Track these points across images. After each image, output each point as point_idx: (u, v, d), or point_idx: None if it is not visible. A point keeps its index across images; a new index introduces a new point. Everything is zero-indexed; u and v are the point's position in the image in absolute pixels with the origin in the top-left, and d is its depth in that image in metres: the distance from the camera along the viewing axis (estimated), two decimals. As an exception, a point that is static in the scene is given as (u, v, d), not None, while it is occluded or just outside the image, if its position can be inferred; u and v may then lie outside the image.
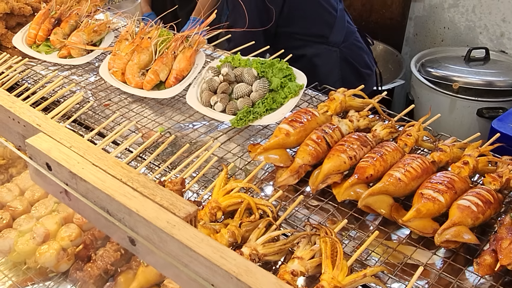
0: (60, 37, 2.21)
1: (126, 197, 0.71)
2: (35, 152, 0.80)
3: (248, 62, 1.95)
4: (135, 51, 2.01)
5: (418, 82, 3.70)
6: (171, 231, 0.66)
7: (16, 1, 2.36)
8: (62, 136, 0.81)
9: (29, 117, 0.84)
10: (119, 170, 0.76)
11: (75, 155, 0.78)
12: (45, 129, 0.82)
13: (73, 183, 0.76)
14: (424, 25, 4.20)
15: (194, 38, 2.03)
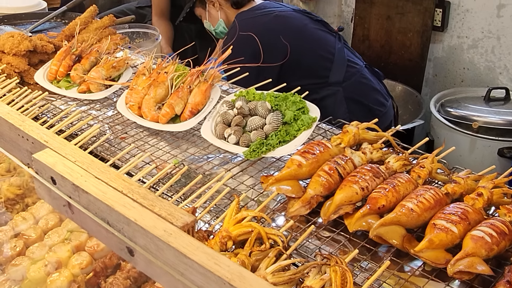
0: (80, 72, 2.26)
1: (126, 208, 0.72)
2: (41, 166, 0.81)
3: (262, 96, 1.98)
4: (152, 86, 2.05)
5: (438, 122, 3.70)
6: (168, 239, 0.66)
7: (40, 39, 2.44)
8: (68, 151, 0.83)
9: (37, 134, 0.87)
10: (120, 182, 0.77)
11: (79, 169, 0.79)
12: (52, 145, 0.84)
13: (76, 195, 0.77)
14: (444, 66, 4.22)
15: (210, 72, 2.07)
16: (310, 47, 2.82)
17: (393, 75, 4.29)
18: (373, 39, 4.41)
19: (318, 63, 2.82)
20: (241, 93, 2.02)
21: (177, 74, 2.09)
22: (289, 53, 2.72)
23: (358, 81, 2.91)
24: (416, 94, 4.21)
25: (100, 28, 2.63)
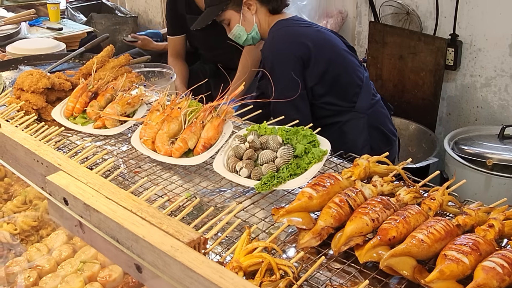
0: (96, 109, 2.31)
1: (135, 225, 0.74)
2: (54, 188, 0.84)
3: (274, 130, 2.01)
4: (165, 121, 2.09)
5: (452, 160, 3.69)
6: (174, 254, 0.68)
7: (57, 77, 2.50)
8: (80, 173, 0.86)
9: (51, 158, 0.90)
10: (130, 202, 0.79)
11: (90, 190, 0.82)
12: (65, 168, 0.87)
13: (87, 215, 0.80)
14: (457, 104, 4.24)
15: (222, 108, 2.11)
16: (347, 68, 2.86)
17: (406, 114, 4.31)
18: (386, 79, 4.45)
19: (351, 86, 2.85)
20: (252, 127, 2.05)
21: (190, 109, 2.13)
22: (330, 67, 2.79)
23: (379, 111, 2.98)
24: (430, 133, 4.22)
25: (116, 66, 2.70)
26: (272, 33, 2.86)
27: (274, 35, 2.84)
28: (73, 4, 6.15)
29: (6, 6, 5.38)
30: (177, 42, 4.16)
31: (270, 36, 2.87)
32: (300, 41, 2.76)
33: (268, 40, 2.87)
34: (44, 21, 5.01)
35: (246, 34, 2.94)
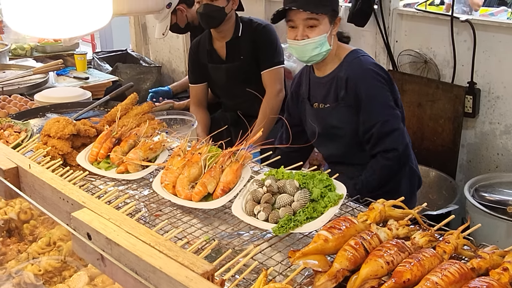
0: (119, 154, 2.39)
1: (153, 258, 0.79)
2: (78, 223, 0.90)
3: (291, 174, 2.06)
4: (186, 166, 2.16)
5: (473, 207, 3.69)
6: (189, 284, 0.73)
7: (83, 124, 2.59)
8: (103, 210, 0.91)
9: (76, 196, 0.95)
10: (149, 236, 0.84)
11: (112, 225, 0.87)
12: (89, 205, 0.93)
13: (109, 248, 0.85)
14: (477, 152, 4.25)
15: (241, 153, 2.17)
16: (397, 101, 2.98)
17: (426, 161, 4.33)
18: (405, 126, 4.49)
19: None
20: (270, 172, 2.11)
21: (210, 154, 2.20)
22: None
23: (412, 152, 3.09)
24: (450, 180, 4.22)
25: (139, 114, 2.79)
26: (356, 59, 2.86)
27: (360, 61, 2.85)
28: (99, 55, 6.35)
29: (35, 56, 5.58)
30: (199, 91, 4.26)
31: (356, 62, 2.85)
32: (382, 67, 2.92)
33: (356, 64, 2.85)
34: (71, 71, 5.17)
35: (325, 47, 2.80)
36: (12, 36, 5.78)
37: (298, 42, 2.77)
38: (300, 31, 2.76)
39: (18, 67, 4.79)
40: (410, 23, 4.42)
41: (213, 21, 3.91)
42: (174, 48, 6.55)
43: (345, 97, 2.83)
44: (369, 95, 2.79)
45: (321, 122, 2.94)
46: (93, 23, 1.23)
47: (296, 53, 2.85)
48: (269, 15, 5.31)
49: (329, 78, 2.90)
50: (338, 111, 2.87)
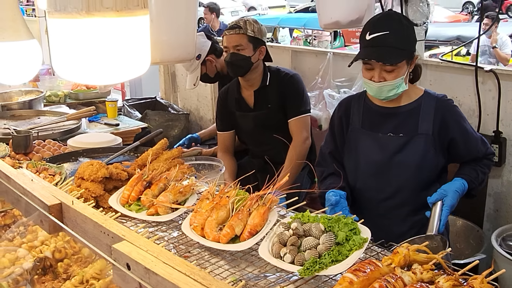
0: (150, 197, 2.47)
1: (188, 286, 0.85)
2: (119, 255, 0.96)
3: (316, 218, 2.11)
4: (214, 208, 2.22)
5: (500, 256, 3.65)
6: (221, 309, 0.78)
7: (115, 167, 2.69)
8: (142, 243, 0.98)
9: (116, 230, 1.02)
10: (184, 266, 0.90)
11: (150, 256, 0.94)
12: (129, 238, 1.00)
13: (147, 277, 0.91)
14: (504, 201, 4.23)
15: (268, 197, 2.23)
16: None
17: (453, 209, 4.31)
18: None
19: None
20: (296, 215, 2.16)
21: (238, 198, 2.26)
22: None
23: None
24: (478, 229, 4.19)
25: (169, 158, 2.87)
26: (436, 96, 2.96)
27: (446, 102, 2.97)
28: (129, 102, 6.53)
29: (68, 103, 5.75)
30: (227, 138, 4.35)
31: (444, 102, 2.95)
32: None
33: (447, 105, 2.96)
34: (102, 117, 5.32)
35: (401, 88, 2.83)
36: (47, 83, 5.99)
37: (374, 83, 2.79)
38: (377, 73, 2.77)
39: (52, 113, 4.95)
40: (435, 73, 4.49)
41: (239, 69, 4.02)
42: (202, 96, 6.70)
43: (427, 129, 2.89)
44: (464, 129, 2.94)
45: (386, 151, 2.94)
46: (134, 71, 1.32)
47: (372, 92, 2.87)
48: (295, 64, 5.47)
49: (404, 109, 2.94)
50: (415, 141, 2.90)
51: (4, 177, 1.56)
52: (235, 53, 3.96)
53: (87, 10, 1.18)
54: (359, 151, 3.02)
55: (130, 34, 1.27)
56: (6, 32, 2.19)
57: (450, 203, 2.74)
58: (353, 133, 3.04)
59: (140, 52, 1.31)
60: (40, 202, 1.31)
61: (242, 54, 3.95)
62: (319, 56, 5.32)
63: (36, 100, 5.26)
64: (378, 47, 2.76)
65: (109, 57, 1.26)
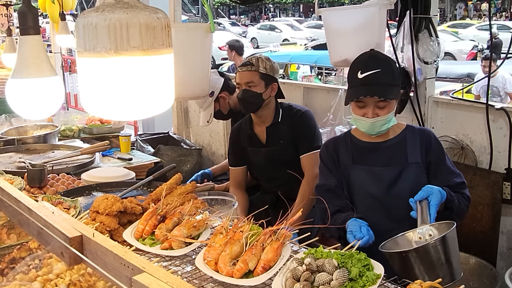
0: (164, 231, 2.49)
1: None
2: (139, 286, 0.99)
3: (330, 253, 2.12)
4: (228, 243, 2.24)
5: (514, 296, 3.62)
6: None
7: (129, 201, 2.72)
8: (161, 275, 1.00)
9: (136, 262, 1.05)
10: (204, 298, 0.92)
11: None
12: (148, 270, 1.02)
13: (167, 309, 0.93)
14: (517, 239, 4.21)
15: (281, 232, 2.25)
16: None
17: (466, 247, 4.28)
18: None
19: None
20: (309, 251, 2.17)
21: (252, 233, 2.28)
22: None
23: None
24: (491, 267, 4.15)
25: (183, 193, 2.90)
26: (419, 129, 3.19)
27: (427, 131, 3.18)
28: (142, 137, 6.58)
29: (82, 137, 5.82)
30: (239, 173, 4.38)
31: (426, 132, 3.15)
32: None
33: (429, 134, 3.13)
34: (115, 152, 5.36)
35: (392, 122, 3.00)
36: (62, 118, 6.08)
37: (367, 119, 2.93)
38: (371, 110, 2.91)
39: (66, 147, 5.01)
40: (446, 110, 4.52)
41: (251, 106, 4.07)
42: (215, 132, 6.75)
43: (416, 158, 3.01)
44: (441, 156, 3.07)
45: (382, 184, 3.02)
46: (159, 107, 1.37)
47: (364, 128, 3.00)
48: (307, 101, 5.52)
49: (391, 142, 3.07)
50: (407, 171, 3.00)
51: (25, 209, 1.59)
52: (247, 90, 4.02)
53: (115, 50, 1.24)
54: (354, 186, 3.10)
55: (156, 72, 1.33)
56: (31, 68, 2.26)
57: (436, 201, 2.74)
58: (346, 169, 3.14)
59: (164, 89, 1.37)
60: (61, 234, 1.34)
61: (254, 90, 4.00)
62: (331, 93, 5.38)
63: (51, 134, 5.33)
64: (371, 84, 2.91)
65: (135, 94, 1.32)
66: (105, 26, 1.23)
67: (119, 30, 1.24)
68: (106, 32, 1.24)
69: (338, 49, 3.92)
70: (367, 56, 3.05)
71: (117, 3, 1.26)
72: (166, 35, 1.33)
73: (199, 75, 3.05)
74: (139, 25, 1.26)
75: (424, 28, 4.35)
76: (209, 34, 2.97)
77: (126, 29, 1.24)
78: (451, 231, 2.48)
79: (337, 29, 3.94)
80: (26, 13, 2.31)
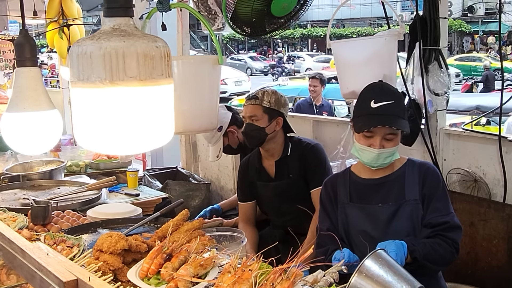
0: (170, 270, 2.40)
1: None
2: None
3: None
4: (236, 282, 2.14)
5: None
6: None
7: (134, 239, 2.64)
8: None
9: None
10: None
11: None
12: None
13: None
14: (535, 274, 4.08)
15: (292, 270, 2.15)
16: None
17: (481, 282, 4.16)
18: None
19: None
20: (322, 290, 2.07)
21: (261, 272, 2.18)
22: None
23: None
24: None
25: (190, 230, 2.82)
26: (419, 162, 3.11)
27: (427, 164, 3.14)
28: (150, 172, 6.51)
29: (89, 173, 5.76)
30: (248, 208, 4.30)
31: (425, 166, 3.09)
32: None
33: (427, 167, 3.09)
34: (123, 187, 5.30)
35: (395, 156, 2.97)
36: (68, 153, 6.03)
37: (373, 150, 2.88)
38: (378, 141, 2.88)
39: (72, 183, 4.94)
40: (457, 142, 4.44)
41: (254, 140, 4.02)
42: (223, 166, 6.68)
43: (413, 195, 2.95)
44: (435, 189, 2.98)
45: (379, 222, 2.96)
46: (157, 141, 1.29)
47: (367, 159, 2.94)
48: (317, 134, 5.46)
49: (390, 178, 3.01)
50: (404, 208, 2.94)
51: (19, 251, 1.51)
52: (250, 124, 3.98)
53: (111, 80, 1.17)
54: (351, 225, 3.05)
55: (154, 104, 1.25)
56: (27, 101, 2.20)
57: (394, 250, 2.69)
58: (342, 208, 3.09)
59: (163, 122, 1.29)
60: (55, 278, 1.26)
61: (256, 124, 3.95)
62: (340, 126, 5.31)
63: (56, 170, 5.27)
64: (385, 115, 2.88)
65: (132, 126, 1.24)
66: (100, 55, 1.16)
67: (115, 59, 1.17)
68: (101, 61, 1.17)
69: (347, 81, 3.87)
70: (380, 86, 3.01)
71: (113, 30, 1.20)
72: (166, 65, 1.26)
73: (207, 108, 2.98)
74: (136, 54, 1.19)
75: (434, 59, 4.30)
76: (217, 66, 2.91)
77: (123, 58, 1.17)
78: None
79: (346, 60, 3.90)
80: (23, 44, 2.26)
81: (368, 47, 3.81)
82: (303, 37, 55.62)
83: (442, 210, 2.96)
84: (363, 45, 3.90)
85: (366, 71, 3.71)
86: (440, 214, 2.94)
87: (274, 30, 3.80)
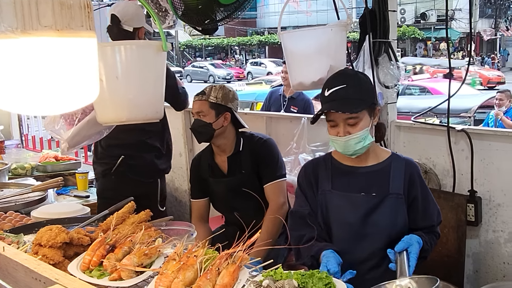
0: (113, 261, 2.31)
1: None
2: (49, 299, 0.83)
3: (289, 274, 1.98)
4: (181, 269, 2.08)
5: (485, 319, 3.51)
6: None
7: (76, 232, 2.54)
8: (77, 286, 0.85)
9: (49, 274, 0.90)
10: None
11: (85, 299, 0.81)
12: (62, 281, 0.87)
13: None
14: (483, 261, 4.12)
15: (238, 255, 2.10)
16: None
17: (433, 272, 4.17)
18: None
19: None
20: (268, 272, 2.03)
21: (207, 257, 2.12)
22: None
23: None
24: (459, 291, 4.06)
25: (136, 222, 2.73)
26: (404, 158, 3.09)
27: (414, 163, 3.11)
28: (102, 175, 6.37)
29: (35, 176, 5.58)
30: (200, 205, 4.23)
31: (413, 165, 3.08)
32: None
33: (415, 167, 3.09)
34: (72, 190, 5.18)
35: (368, 140, 2.86)
36: (13, 156, 5.85)
37: (340, 138, 2.82)
38: (342, 128, 2.81)
39: (17, 185, 4.76)
40: (408, 134, 4.47)
41: (201, 136, 3.97)
42: (177, 167, 6.58)
43: (397, 189, 2.93)
44: (427, 192, 3.04)
45: (359, 212, 2.92)
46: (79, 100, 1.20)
47: (339, 148, 2.88)
48: (270, 130, 5.43)
49: (374, 169, 2.98)
50: (387, 201, 2.92)
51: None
52: (197, 120, 3.94)
53: (23, 29, 1.08)
54: (331, 212, 2.98)
55: (74, 57, 1.15)
56: None
57: (416, 252, 2.74)
58: (323, 195, 3.01)
59: (85, 79, 1.19)
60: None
61: (203, 120, 3.90)
62: (294, 122, 5.30)
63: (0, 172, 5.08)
64: (336, 100, 2.81)
65: (49, 83, 1.14)
66: (11, 2, 1.07)
67: (27, 6, 1.08)
68: (11, 8, 1.07)
69: (295, 72, 3.85)
70: (336, 74, 2.98)
71: (26, -25, 1.11)
72: (86, 16, 1.17)
73: (152, 97, 2.89)
74: (51, 1, 1.10)
75: (383, 52, 4.32)
76: (162, 53, 2.82)
77: (36, 5, 1.08)
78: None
79: (294, 52, 3.87)
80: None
81: (316, 38, 3.78)
82: (260, 44, 55.87)
83: (434, 209, 3.09)
84: (311, 35, 3.87)
85: (313, 62, 3.69)
86: (434, 215, 3.07)
87: (223, 18, 3.75)
